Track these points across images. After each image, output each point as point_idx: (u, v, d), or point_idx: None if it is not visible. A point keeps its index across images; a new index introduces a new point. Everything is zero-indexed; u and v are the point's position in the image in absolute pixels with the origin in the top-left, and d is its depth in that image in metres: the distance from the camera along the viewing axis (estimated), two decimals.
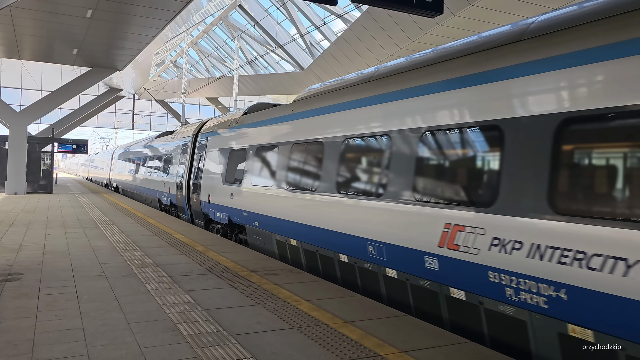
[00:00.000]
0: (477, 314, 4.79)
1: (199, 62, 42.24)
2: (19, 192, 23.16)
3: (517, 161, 4.40)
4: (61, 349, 3.99)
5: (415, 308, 5.71)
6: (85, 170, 59.54)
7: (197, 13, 31.44)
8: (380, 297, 6.32)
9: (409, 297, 5.75)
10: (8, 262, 7.39)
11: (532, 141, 4.26)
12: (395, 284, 5.93)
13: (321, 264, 7.69)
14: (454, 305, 5.07)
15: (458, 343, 4.33)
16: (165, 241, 9.85)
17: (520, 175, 4.35)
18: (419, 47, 18.09)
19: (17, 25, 18.50)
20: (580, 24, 4.21)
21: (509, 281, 4.33)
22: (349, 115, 7.15)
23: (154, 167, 20.39)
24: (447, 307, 5.17)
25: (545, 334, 4.13)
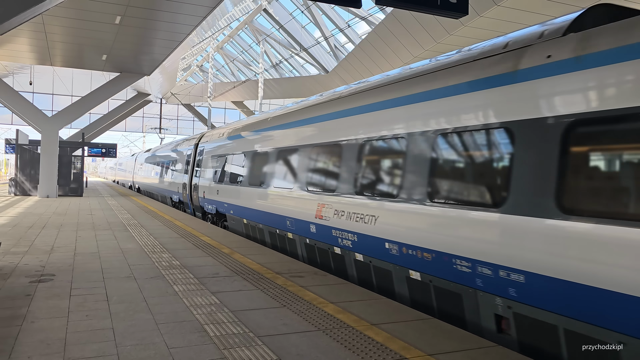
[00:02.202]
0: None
1: (224, 66, 42.72)
2: (50, 195, 23.73)
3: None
4: (92, 348, 4.07)
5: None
6: (113, 174, 63.38)
7: (222, 18, 31.81)
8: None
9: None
10: (41, 264, 7.59)
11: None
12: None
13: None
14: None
15: (486, 347, 4.28)
16: (192, 243, 9.98)
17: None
18: (444, 49, 17.96)
19: (49, 33, 19.02)
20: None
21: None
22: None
23: (167, 170, 23.56)
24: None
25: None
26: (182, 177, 19.63)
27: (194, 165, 17.84)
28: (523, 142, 4.70)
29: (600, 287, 3.84)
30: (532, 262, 4.41)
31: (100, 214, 16.17)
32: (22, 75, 35.36)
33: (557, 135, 4.35)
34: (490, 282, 4.87)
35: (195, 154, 18.06)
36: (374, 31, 20.72)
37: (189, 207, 18.51)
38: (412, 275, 6.06)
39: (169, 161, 23.26)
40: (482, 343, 4.38)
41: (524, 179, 4.63)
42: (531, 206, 4.49)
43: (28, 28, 18.07)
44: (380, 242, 6.61)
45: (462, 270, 5.21)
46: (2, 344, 4.11)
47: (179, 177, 20.29)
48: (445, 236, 5.48)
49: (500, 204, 4.82)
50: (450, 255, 5.36)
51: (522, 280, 4.51)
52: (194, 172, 17.64)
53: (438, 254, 5.55)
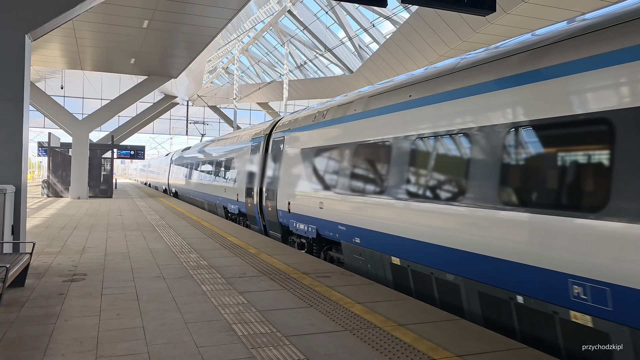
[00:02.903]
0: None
1: (249, 68, 43.02)
2: (81, 196, 24.26)
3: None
4: (123, 346, 4.15)
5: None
6: (143, 176, 59.56)
7: (247, 20, 32.04)
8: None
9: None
10: (73, 263, 7.77)
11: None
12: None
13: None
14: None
15: (515, 348, 4.22)
16: (219, 244, 10.08)
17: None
18: (470, 47, 17.76)
19: (79, 38, 19.46)
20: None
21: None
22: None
23: (217, 171, 18.97)
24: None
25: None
26: (243, 180, 14.67)
27: (265, 165, 12.89)
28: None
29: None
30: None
31: (129, 214, 16.46)
32: (53, 80, 36.30)
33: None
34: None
35: (266, 147, 13.03)
36: (399, 30, 20.60)
37: (257, 223, 13.39)
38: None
39: (222, 160, 18.51)
40: (510, 344, 4.32)
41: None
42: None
43: (59, 34, 18.54)
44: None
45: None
46: (38, 342, 4.22)
47: (238, 180, 15.36)
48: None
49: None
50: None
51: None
52: (266, 174, 12.60)
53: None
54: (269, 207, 12.01)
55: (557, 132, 4.72)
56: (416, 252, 6.46)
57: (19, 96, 7.10)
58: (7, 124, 6.98)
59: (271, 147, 12.53)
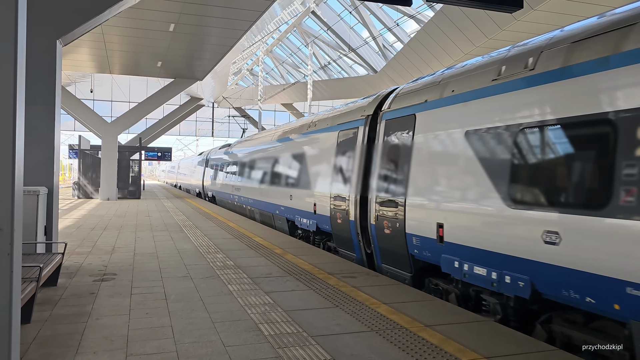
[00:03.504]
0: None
1: (274, 69, 43.26)
2: (111, 197, 24.73)
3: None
4: (152, 345, 4.23)
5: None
6: (173, 177, 55.93)
7: (271, 22, 32.25)
8: None
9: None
10: (103, 263, 7.94)
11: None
12: None
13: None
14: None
15: (545, 350, 4.15)
16: (245, 244, 10.16)
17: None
18: (496, 45, 17.52)
19: (108, 42, 19.86)
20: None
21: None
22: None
23: (277, 172, 14.16)
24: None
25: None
26: (327, 182, 10.30)
27: (374, 159, 8.37)
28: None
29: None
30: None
31: (156, 215, 16.72)
32: (83, 84, 37.12)
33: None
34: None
35: (370, 134, 8.91)
36: (423, 29, 20.46)
37: (355, 248, 9.07)
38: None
39: (285, 156, 13.61)
40: (540, 346, 4.25)
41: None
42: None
43: (89, 39, 18.95)
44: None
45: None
46: (70, 339, 4.33)
47: (316, 183, 10.95)
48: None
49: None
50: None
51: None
52: (374, 174, 8.28)
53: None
54: (386, 228, 7.69)
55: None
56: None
57: (50, 100, 7.29)
58: (39, 127, 7.17)
59: (383, 133, 8.16)
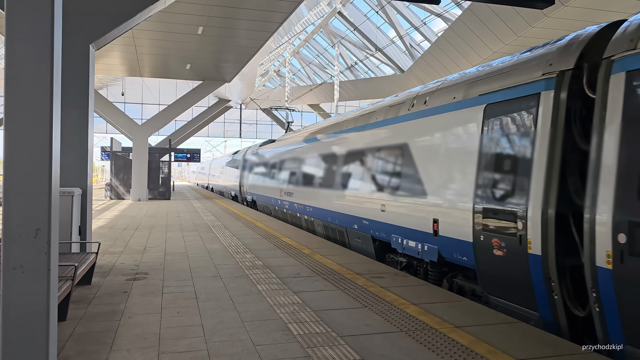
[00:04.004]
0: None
1: (300, 70, 43.42)
2: (142, 198, 25.18)
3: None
4: (184, 343, 4.29)
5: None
6: (203, 178, 53.23)
7: (298, 23, 32.38)
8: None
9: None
10: (135, 263, 8.09)
11: None
12: None
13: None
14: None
15: (579, 353, 4.06)
16: (273, 244, 10.22)
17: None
18: (525, 43, 17.23)
19: (138, 46, 20.26)
20: None
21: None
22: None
23: (359, 172, 10.18)
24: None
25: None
26: (471, 189, 6.36)
27: (575, 144, 5.10)
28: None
29: None
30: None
31: (186, 216, 16.95)
32: (115, 87, 37.92)
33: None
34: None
35: (619, 96, 4.39)
36: (451, 28, 20.24)
37: (536, 301, 5.29)
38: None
39: (377, 150, 9.52)
40: (575, 349, 4.16)
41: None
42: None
43: (120, 42, 19.36)
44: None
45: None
46: (104, 337, 4.43)
47: (439, 189, 7.25)
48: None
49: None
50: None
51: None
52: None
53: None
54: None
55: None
56: None
57: (84, 103, 7.47)
58: (73, 130, 7.36)
59: (624, 93, 4.36)
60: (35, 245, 3.03)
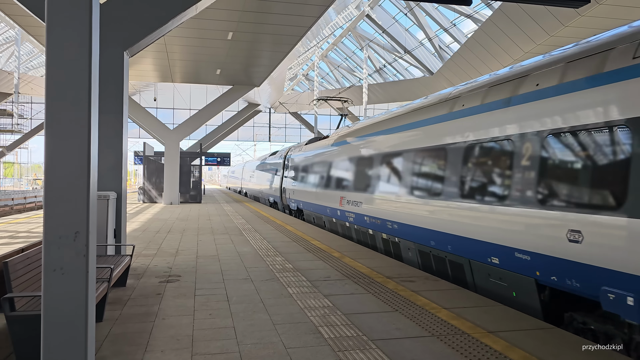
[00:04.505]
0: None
1: (329, 74, 43.48)
2: (173, 202, 25.59)
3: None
4: (216, 345, 4.35)
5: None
6: (236, 182, 51.03)
7: (326, 27, 32.45)
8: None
9: None
10: (168, 265, 8.23)
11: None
12: None
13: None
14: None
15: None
16: (303, 247, 10.26)
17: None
18: (558, 42, 16.89)
19: (170, 52, 20.64)
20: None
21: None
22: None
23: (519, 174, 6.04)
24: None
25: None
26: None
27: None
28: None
29: None
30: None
31: (217, 219, 17.15)
32: (147, 93, 38.68)
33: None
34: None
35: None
36: (481, 28, 19.99)
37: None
38: None
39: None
40: (614, 356, 4.05)
41: None
42: None
43: (152, 49, 19.77)
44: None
45: None
46: (139, 338, 4.52)
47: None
48: None
49: None
50: None
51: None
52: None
53: None
54: None
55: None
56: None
57: (119, 109, 7.66)
58: (109, 135, 7.54)
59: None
60: (74, 247, 3.12)
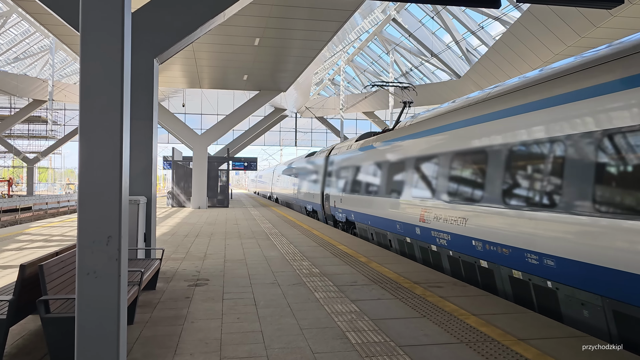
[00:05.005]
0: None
1: (355, 78, 43.50)
2: (201, 206, 25.91)
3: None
4: (244, 349, 4.38)
5: None
6: (265, 187, 48.97)
7: (352, 31, 32.48)
8: None
9: None
10: (196, 269, 8.33)
11: None
12: None
13: None
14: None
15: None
16: (330, 252, 10.26)
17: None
18: (589, 44, 16.55)
19: (198, 59, 20.94)
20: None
21: None
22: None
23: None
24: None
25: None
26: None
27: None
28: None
29: None
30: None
31: (244, 223, 17.29)
32: (175, 98, 39.30)
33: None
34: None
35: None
36: (509, 31, 19.73)
37: None
38: None
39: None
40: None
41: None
42: None
43: (181, 56, 20.09)
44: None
45: None
46: (169, 341, 4.58)
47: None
48: None
49: None
50: None
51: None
52: None
53: None
54: None
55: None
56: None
57: (149, 115, 7.80)
58: (140, 141, 7.69)
59: None
60: (107, 251, 3.19)
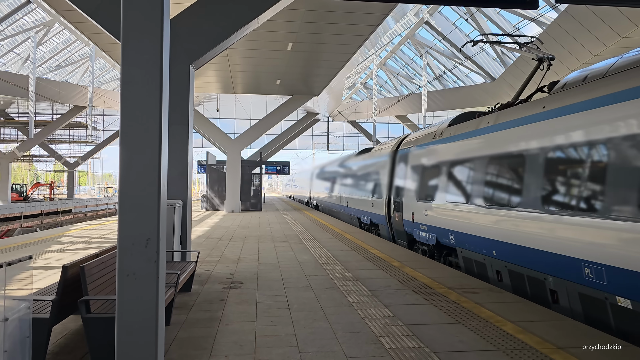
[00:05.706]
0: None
1: (387, 82, 43.28)
2: (235, 210, 26.20)
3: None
4: (278, 352, 4.41)
5: None
6: (302, 190, 46.02)
7: (385, 35, 32.37)
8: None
9: None
10: (230, 272, 8.43)
11: None
12: None
13: None
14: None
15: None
16: (362, 256, 10.23)
17: None
18: (630, 44, 16.07)
19: (232, 64, 21.23)
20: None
21: None
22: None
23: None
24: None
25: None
26: None
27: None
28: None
29: None
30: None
31: (277, 227, 17.40)
32: (210, 103, 39.93)
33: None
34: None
35: None
36: (546, 32, 19.32)
37: None
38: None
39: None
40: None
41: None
42: None
43: (215, 62, 20.41)
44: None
45: None
46: (204, 342, 4.65)
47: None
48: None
49: None
50: None
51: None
52: None
53: None
54: None
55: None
56: None
57: (185, 120, 7.95)
58: (176, 146, 7.84)
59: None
60: (145, 254, 3.27)
